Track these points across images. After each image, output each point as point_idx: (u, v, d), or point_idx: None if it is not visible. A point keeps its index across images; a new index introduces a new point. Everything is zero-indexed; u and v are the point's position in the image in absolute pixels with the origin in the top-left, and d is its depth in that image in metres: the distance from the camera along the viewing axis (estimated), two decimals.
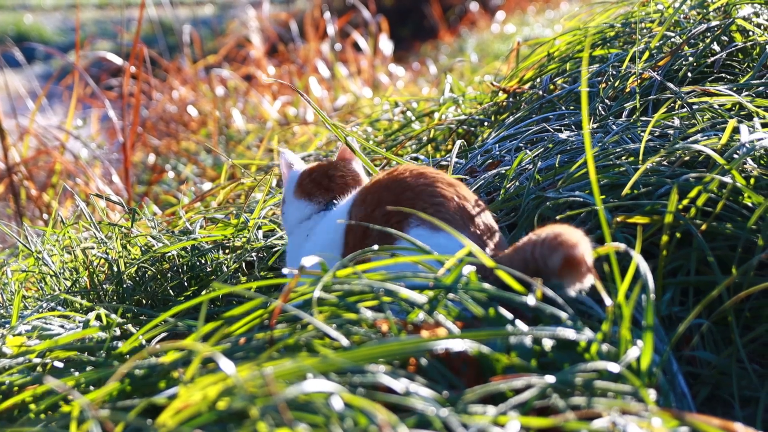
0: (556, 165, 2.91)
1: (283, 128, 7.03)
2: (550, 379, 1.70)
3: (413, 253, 2.14)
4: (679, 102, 3.15)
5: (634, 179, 2.54)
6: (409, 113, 4.69)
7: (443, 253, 2.10)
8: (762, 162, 2.58)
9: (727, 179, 2.40)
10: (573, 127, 3.36)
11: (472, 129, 4.23)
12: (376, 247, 2.15)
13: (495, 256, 2.19)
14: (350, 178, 2.80)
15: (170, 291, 3.17)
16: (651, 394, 1.72)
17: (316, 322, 1.87)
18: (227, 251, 3.30)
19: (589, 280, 1.98)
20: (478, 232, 2.28)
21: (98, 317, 2.60)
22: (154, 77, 9.29)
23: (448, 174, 3.10)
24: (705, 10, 3.83)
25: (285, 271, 2.56)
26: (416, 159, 3.74)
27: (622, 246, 1.98)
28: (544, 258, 2.01)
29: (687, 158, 2.70)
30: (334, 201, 2.73)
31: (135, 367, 1.96)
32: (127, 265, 3.22)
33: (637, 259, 1.93)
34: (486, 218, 2.35)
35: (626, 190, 2.55)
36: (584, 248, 1.97)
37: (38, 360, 2.23)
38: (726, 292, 2.27)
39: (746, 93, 3.08)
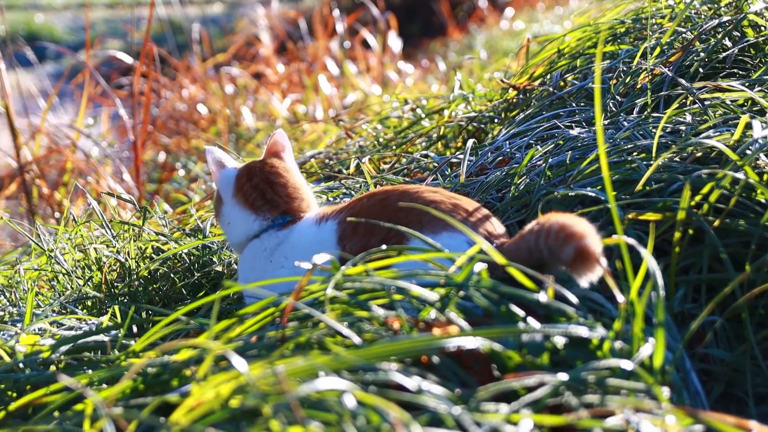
0: (567, 161, 2.90)
1: (293, 126, 7.04)
2: (563, 376, 1.70)
3: (423, 253, 2.14)
4: (690, 98, 3.14)
5: (647, 176, 2.53)
6: (418, 110, 4.69)
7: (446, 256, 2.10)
8: None
9: (740, 175, 2.39)
10: (584, 123, 3.35)
11: (482, 126, 4.23)
12: (384, 246, 2.15)
13: (500, 246, 2.19)
14: (291, 187, 2.71)
15: (182, 289, 3.17)
16: (664, 392, 1.72)
17: (327, 320, 1.87)
18: None
19: (600, 270, 1.98)
20: (478, 225, 2.27)
21: (111, 315, 2.61)
22: (163, 76, 9.29)
23: (461, 171, 3.11)
24: (716, 6, 3.82)
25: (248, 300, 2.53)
26: (426, 156, 3.74)
27: (631, 240, 1.98)
28: (553, 250, 2.01)
29: (699, 154, 2.69)
30: (286, 215, 2.67)
31: (148, 366, 1.96)
32: (139, 263, 3.22)
33: (647, 256, 1.93)
34: (482, 211, 2.35)
35: (639, 186, 2.54)
36: (594, 238, 1.97)
37: (52, 358, 2.24)
38: (739, 289, 2.26)
39: (759, 88, 3.07)
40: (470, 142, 3.40)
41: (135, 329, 2.60)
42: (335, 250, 2.44)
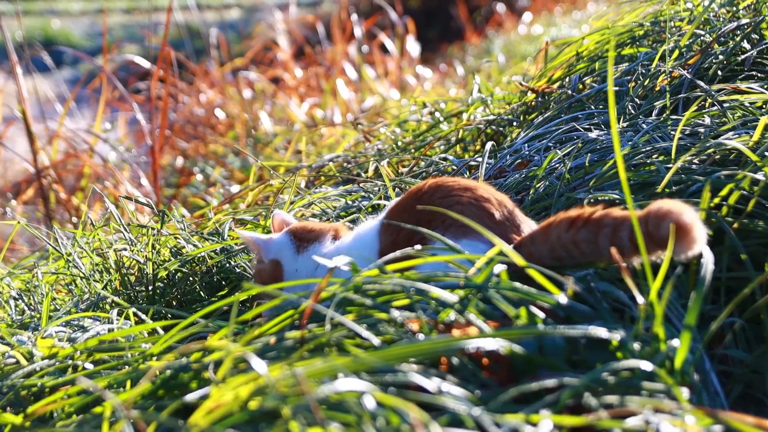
0: (586, 164, 2.90)
1: (311, 130, 7.04)
2: (583, 378, 1.69)
3: (444, 255, 2.14)
4: (709, 100, 3.13)
5: (668, 178, 2.52)
6: (437, 114, 4.69)
7: (467, 261, 2.10)
8: None
9: (760, 176, 2.38)
10: (603, 126, 3.35)
11: (501, 129, 4.23)
12: (400, 252, 2.16)
13: (519, 245, 2.19)
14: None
15: (201, 292, 3.18)
16: (684, 393, 1.71)
17: (347, 321, 1.87)
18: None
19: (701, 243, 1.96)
20: (500, 228, 2.27)
21: (129, 318, 2.61)
22: (181, 80, 9.32)
23: (479, 174, 3.10)
24: (735, 8, 3.81)
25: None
26: (445, 159, 3.74)
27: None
28: (654, 227, 1.96)
29: (718, 156, 2.68)
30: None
31: (166, 368, 1.96)
32: (158, 266, 3.22)
33: (708, 257, 1.92)
34: (510, 213, 2.34)
35: (660, 188, 2.54)
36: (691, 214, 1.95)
37: (69, 362, 2.24)
38: (759, 289, 2.25)
39: None
40: (489, 145, 3.40)
41: (153, 332, 2.61)
42: (375, 244, 2.52)
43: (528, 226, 2.34)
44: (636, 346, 1.82)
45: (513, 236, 2.27)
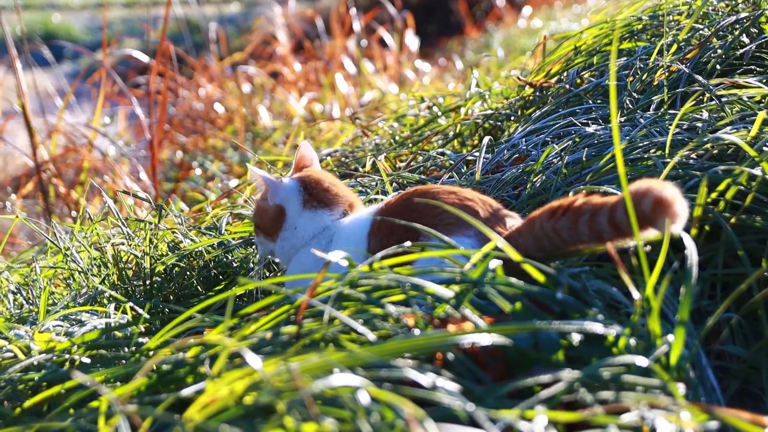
0: (583, 159, 2.89)
1: (310, 125, 7.04)
2: (578, 373, 1.69)
3: (435, 251, 2.14)
4: (707, 94, 3.13)
5: (666, 172, 2.52)
6: (435, 108, 4.69)
7: (458, 258, 2.11)
8: None
9: (757, 171, 2.38)
10: (600, 120, 3.35)
11: (499, 124, 4.22)
12: (396, 246, 2.16)
13: (506, 239, 2.19)
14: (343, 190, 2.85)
15: (198, 287, 3.18)
16: (680, 388, 1.71)
17: (342, 316, 1.87)
18: (254, 247, 3.30)
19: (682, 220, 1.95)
20: (486, 224, 2.27)
21: (126, 313, 2.60)
22: (180, 75, 9.31)
23: (477, 169, 3.11)
24: (734, 2, 3.81)
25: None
26: (442, 154, 3.74)
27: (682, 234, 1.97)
28: (635, 205, 1.96)
29: (716, 151, 2.68)
30: (345, 212, 2.78)
31: (162, 363, 1.96)
32: (155, 261, 3.22)
33: (691, 247, 1.92)
34: (495, 210, 2.36)
35: None
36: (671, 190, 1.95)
37: (66, 356, 2.24)
38: (756, 285, 2.25)
39: None
40: (486, 140, 3.39)
41: (150, 326, 2.61)
42: (364, 245, 2.52)
43: (515, 221, 2.35)
44: (632, 341, 1.82)
45: (500, 230, 2.28)
